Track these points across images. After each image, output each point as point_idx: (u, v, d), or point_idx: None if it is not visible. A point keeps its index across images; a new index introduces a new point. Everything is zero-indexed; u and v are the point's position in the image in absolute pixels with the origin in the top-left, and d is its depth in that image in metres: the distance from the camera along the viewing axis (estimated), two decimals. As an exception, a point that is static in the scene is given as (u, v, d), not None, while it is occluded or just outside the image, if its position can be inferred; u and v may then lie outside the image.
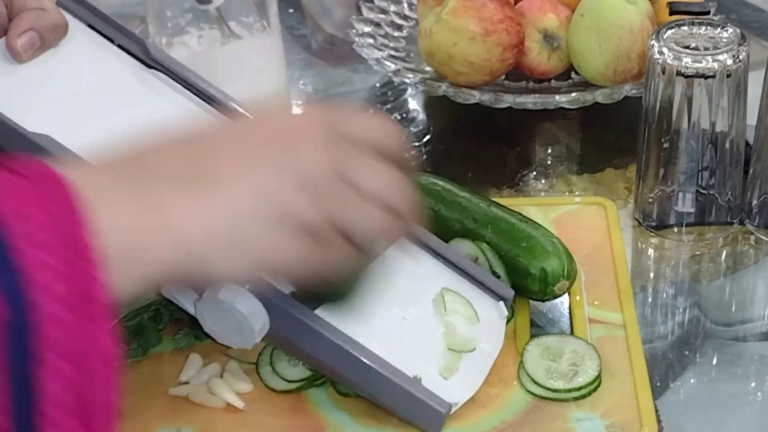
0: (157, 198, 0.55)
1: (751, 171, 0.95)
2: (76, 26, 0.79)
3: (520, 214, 0.88)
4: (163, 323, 0.83)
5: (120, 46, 0.80)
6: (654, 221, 0.97)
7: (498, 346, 0.80)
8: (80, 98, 0.76)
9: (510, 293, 0.83)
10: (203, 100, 0.79)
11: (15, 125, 0.71)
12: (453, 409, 0.75)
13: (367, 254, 0.63)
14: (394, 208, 0.61)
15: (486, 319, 0.80)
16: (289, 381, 0.78)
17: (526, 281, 0.84)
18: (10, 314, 0.47)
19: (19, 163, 0.52)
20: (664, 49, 0.90)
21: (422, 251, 0.82)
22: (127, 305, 0.55)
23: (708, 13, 1.01)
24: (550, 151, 1.10)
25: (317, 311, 0.73)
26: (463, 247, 0.85)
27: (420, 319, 0.78)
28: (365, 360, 0.73)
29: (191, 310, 0.71)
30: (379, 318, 0.75)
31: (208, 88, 0.79)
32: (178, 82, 0.79)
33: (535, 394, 0.77)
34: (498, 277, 0.84)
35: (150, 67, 0.80)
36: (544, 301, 0.86)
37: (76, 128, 0.72)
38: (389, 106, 1.18)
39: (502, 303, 0.82)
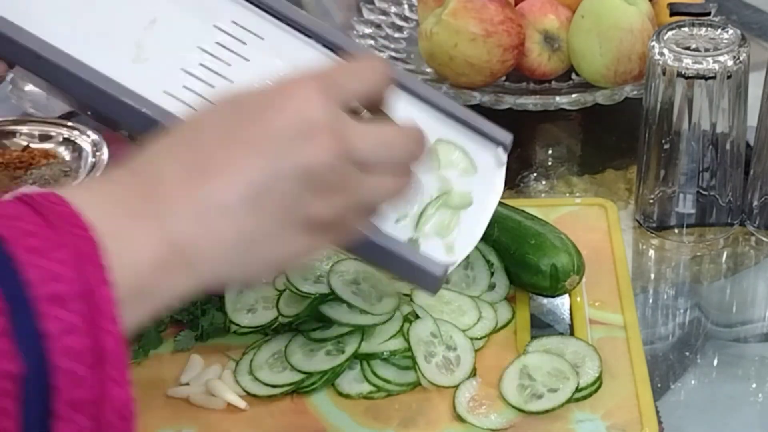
0: (167, 228, 0.54)
1: (751, 172, 0.95)
2: None
3: (524, 211, 0.88)
4: (163, 325, 0.83)
5: None
6: (655, 222, 0.97)
7: (497, 196, 0.77)
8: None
9: (508, 137, 0.79)
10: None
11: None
12: (451, 269, 0.73)
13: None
14: (404, 162, 0.60)
15: (484, 167, 0.77)
16: (272, 386, 0.78)
17: (536, 278, 0.84)
18: (27, 371, 0.47)
19: (38, 195, 0.51)
20: (665, 51, 0.90)
21: (413, 100, 0.76)
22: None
23: (708, 14, 1.01)
24: (550, 152, 1.10)
25: None
26: None
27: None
28: (360, 230, 0.67)
29: None
30: None
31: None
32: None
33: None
34: (491, 264, 0.85)
35: None
36: (554, 297, 0.86)
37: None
38: (390, 107, 1.18)
39: (500, 149, 0.78)
